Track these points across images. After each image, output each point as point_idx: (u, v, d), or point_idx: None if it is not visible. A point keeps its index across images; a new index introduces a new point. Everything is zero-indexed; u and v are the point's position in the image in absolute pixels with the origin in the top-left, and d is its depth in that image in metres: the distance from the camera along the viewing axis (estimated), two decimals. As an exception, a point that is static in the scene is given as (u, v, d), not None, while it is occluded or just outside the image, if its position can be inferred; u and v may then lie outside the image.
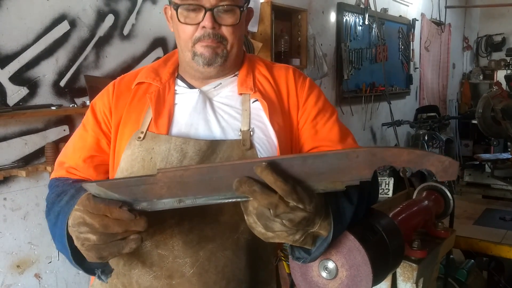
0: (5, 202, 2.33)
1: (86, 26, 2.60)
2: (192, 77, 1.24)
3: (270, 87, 1.23)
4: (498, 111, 3.67)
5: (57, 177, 1.24)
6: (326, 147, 1.21)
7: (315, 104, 1.24)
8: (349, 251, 0.94)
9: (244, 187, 0.78)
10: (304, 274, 1.00)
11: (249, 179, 0.79)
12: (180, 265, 1.07)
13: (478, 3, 9.10)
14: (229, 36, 1.15)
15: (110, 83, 1.28)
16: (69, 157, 1.24)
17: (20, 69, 2.33)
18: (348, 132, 1.26)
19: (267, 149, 1.15)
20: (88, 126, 1.24)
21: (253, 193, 0.79)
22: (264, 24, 3.71)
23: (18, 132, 2.35)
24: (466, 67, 9.35)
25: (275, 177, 0.77)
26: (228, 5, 1.12)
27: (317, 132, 1.22)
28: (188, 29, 1.14)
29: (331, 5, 4.88)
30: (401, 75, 6.57)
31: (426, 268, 1.46)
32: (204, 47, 1.14)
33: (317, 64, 4.41)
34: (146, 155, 1.12)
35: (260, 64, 1.28)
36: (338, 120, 1.26)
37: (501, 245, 2.04)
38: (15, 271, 2.40)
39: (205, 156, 1.10)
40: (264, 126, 1.17)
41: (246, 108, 1.18)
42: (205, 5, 1.10)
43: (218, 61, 1.16)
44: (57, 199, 1.10)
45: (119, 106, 1.22)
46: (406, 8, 6.56)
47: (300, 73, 1.30)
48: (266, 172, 0.77)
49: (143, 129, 1.15)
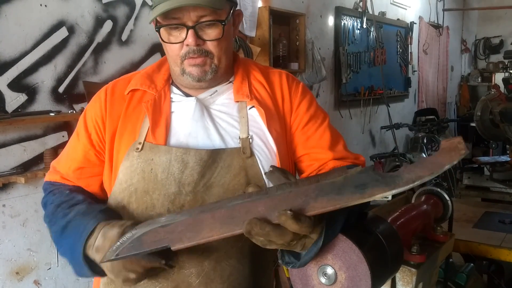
0: (4, 208, 2.33)
1: (85, 32, 2.61)
2: (185, 86, 1.23)
3: (265, 93, 1.23)
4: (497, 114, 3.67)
5: (51, 181, 1.28)
6: (316, 153, 1.23)
7: (307, 110, 1.24)
8: (344, 252, 0.94)
9: (256, 229, 0.78)
10: (305, 284, 1.00)
11: (259, 222, 0.78)
12: (186, 275, 1.08)
13: (475, 5, 9.13)
14: (214, 50, 1.14)
15: (101, 89, 1.26)
16: (61, 165, 1.28)
17: (19, 75, 2.33)
18: (339, 138, 1.27)
19: (266, 156, 1.15)
20: (80, 136, 1.25)
21: (267, 236, 0.79)
22: (262, 29, 3.72)
23: (17, 138, 2.35)
24: (465, 69, 9.37)
25: (299, 225, 0.77)
26: (209, 21, 1.10)
27: (308, 139, 1.23)
28: (173, 47, 1.13)
29: (329, 9, 4.90)
30: (399, 78, 6.58)
31: (426, 273, 1.46)
32: (192, 66, 1.14)
33: (315, 68, 4.41)
34: (146, 166, 1.11)
35: (254, 70, 1.28)
36: (330, 125, 1.27)
37: (500, 248, 2.04)
38: (14, 278, 2.39)
39: (206, 165, 1.10)
40: (262, 133, 1.17)
41: (244, 115, 1.18)
42: (187, 22, 1.09)
43: (208, 76, 1.16)
44: (57, 209, 1.15)
45: (114, 115, 1.20)
46: (404, 12, 6.58)
47: (293, 78, 1.30)
48: (290, 222, 0.76)
49: (141, 140, 1.14)
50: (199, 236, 0.83)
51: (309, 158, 1.23)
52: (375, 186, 0.75)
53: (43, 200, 1.27)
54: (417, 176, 0.73)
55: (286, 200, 0.79)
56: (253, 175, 1.12)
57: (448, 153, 0.74)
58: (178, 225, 0.84)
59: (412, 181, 0.74)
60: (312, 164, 1.23)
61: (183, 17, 1.08)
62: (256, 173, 1.13)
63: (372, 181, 0.75)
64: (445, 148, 0.75)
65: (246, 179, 1.11)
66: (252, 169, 1.12)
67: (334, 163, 1.20)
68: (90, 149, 1.22)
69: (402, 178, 0.74)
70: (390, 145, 6.14)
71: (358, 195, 0.76)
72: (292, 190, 0.79)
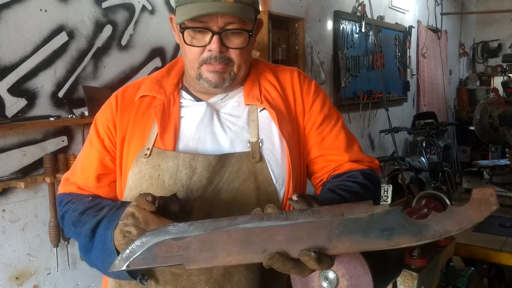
0: (3, 213, 2.33)
1: (84, 37, 2.61)
2: (197, 90, 1.20)
3: (277, 94, 1.21)
4: (496, 117, 3.68)
5: (67, 192, 1.22)
6: (332, 155, 1.20)
7: (321, 110, 1.22)
8: (349, 261, 0.93)
9: (277, 265, 0.77)
10: (304, 285, 1.00)
11: (281, 258, 0.77)
12: (195, 282, 1.06)
13: (473, 9, 9.16)
14: (236, 58, 1.11)
15: (112, 96, 1.25)
16: (78, 176, 1.23)
17: (19, 80, 2.33)
18: (353, 139, 1.25)
19: (276, 161, 1.13)
20: (93, 144, 1.22)
21: (288, 271, 0.78)
22: (261, 33, 3.72)
23: (16, 143, 2.35)
24: (463, 73, 9.39)
25: (321, 266, 0.76)
26: (236, 29, 1.08)
27: (323, 140, 1.21)
28: (194, 50, 1.10)
29: (328, 13, 4.91)
30: (398, 82, 6.59)
31: (427, 276, 1.46)
32: (210, 72, 1.11)
33: (314, 72, 4.42)
34: (154, 173, 1.10)
35: (266, 71, 1.25)
36: (344, 126, 1.25)
37: (501, 252, 2.04)
38: (14, 283, 2.38)
39: (214, 170, 1.08)
40: (273, 136, 1.15)
41: (254, 119, 1.16)
42: (212, 27, 1.06)
43: (226, 83, 1.13)
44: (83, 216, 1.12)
45: (124, 121, 1.18)
46: (403, 16, 6.59)
47: (305, 76, 1.28)
48: (312, 263, 0.76)
49: (149, 146, 1.12)
50: (216, 260, 0.81)
51: (324, 160, 1.21)
52: (401, 234, 0.74)
53: (61, 211, 1.21)
54: (445, 231, 0.72)
55: (308, 232, 0.77)
56: (262, 180, 1.10)
57: (478, 206, 0.73)
58: (192, 241, 0.82)
59: (440, 235, 0.73)
60: (327, 165, 1.21)
61: (209, 22, 1.06)
62: (266, 178, 1.10)
63: (399, 227, 0.74)
64: (476, 199, 0.73)
65: (256, 184, 1.09)
66: (262, 174, 1.10)
67: (350, 165, 1.18)
68: (105, 155, 1.19)
69: (430, 229, 0.73)
70: (389, 149, 6.14)
71: (384, 242, 0.74)
72: (315, 221, 0.77)
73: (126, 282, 1.10)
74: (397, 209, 0.75)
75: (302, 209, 0.80)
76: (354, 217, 0.76)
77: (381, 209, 0.76)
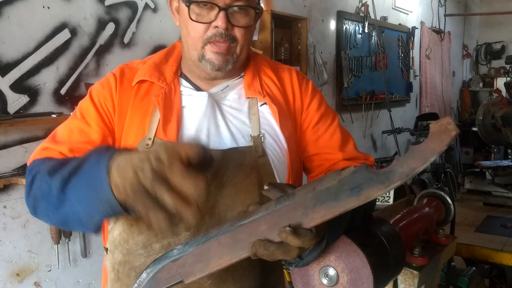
0: (5, 210, 2.33)
1: (87, 34, 2.61)
2: (197, 77, 1.18)
3: (277, 90, 1.21)
4: (498, 118, 3.68)
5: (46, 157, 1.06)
6: (327, 154, 1.21)
7: (318, 109, 1.23)
8: (348, 255, 0.93)
9: (260, 251, 0.76)
10: (305, 283, 1.00)
11: (262, 243, 0.76)
12: None
13: (477, 11, 9.14)
14: (240, 38, 1.09)
15: (109, 75, 1.18)
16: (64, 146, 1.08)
17: (21, 77, 2.33)
18: (349, 138, 1.26)
19: (278, 155, 1.13)
20: (90, 119, 1.12)
21: (273, 255, 0.77)
22: (264, 32, 3.73)
23: (18, 140, 2.35)
24: (466, 75, 9.37)
25: (301, 240, 0.75)
26: (242, 6, 1.07)
27: (319, 139, 1.22)
28: (199, 27, 1.07)
29: (331, 13, 4.90)
30: (401, 82, 6.58)
31: (428, 275, 1.45)
32: (214, 53, 1.09)
33: (317, 72, 4.42)
34: None
35: (265, 65, 1.25)
36: (339, 125, 1.26)
37: (502, 252, 2.04)
38: (14, 279, 2.38)
39: (219, 165, 1.07)
40: (274, 131, 1.15)
41: (255, 112, 1.15)
42: (219, 3, 1.04)
43: (228, 66, 1.11)
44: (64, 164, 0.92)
45: (123, 105, 1.13)
46: (406, 16, 6.59)
47: (303, 75, 1.28)
48: (291, 238, 0.74)
49: (151, 136, 1.08)
50: (210, 266, 0.82)
51: (319, 159, 1.22)
52: (370, 186, 0.72)
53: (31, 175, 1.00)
54: (411, 169, 0.70)
55: (286, 215, 0.77)
56: (265, 174, 1.10)
57: (438, 137, 0.70)
58: (188, 258, 0.84)
59: (406, 174, 0.70)
60: (322, 164, 1.22)
61: None
62: (269, 173, 1.10)
63: (366, 180, 0.72)
64: (434, 132, 0.71)
65: (258, 179, 1.08)
66: (265, 168, 1.10)
67: (344, 164, 1.18)
68: (109, 135, 1.11)
69: (395, 173, 0.71)
70: (391, 150, 6.13)
71: (355, 198, 0.73)
72: (290, 203, 0.77)
73: (125, 275, 1.10)
74: (362, 166, 0.74)
75: (279, 197, 0.80)
76: (324, 187, 0.75)
77: (348, 171, 0.74)
